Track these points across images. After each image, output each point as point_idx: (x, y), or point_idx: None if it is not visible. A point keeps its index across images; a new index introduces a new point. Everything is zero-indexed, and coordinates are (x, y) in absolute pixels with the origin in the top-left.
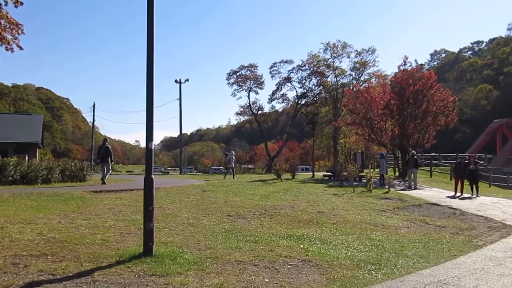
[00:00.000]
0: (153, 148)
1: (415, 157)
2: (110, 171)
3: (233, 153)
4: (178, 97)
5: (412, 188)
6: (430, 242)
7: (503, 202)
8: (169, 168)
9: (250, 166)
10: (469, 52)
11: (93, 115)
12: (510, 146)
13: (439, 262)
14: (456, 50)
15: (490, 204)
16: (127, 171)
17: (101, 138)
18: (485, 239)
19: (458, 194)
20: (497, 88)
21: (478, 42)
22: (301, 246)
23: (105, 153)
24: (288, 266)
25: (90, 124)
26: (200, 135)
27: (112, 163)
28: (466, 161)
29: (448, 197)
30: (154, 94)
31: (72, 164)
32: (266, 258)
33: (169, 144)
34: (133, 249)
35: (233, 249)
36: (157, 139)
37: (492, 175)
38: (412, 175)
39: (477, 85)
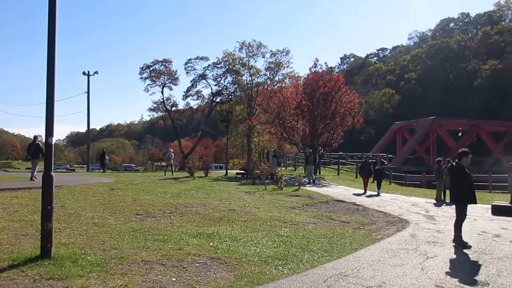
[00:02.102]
0: (53, 143)
1: (312, 155)
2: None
3: (172, 151)
4: (86, 90)
5: (311, 183)
6: (334, 237)
7: (401, 199)
8: (76, 165)
9: (163, 163)
10: (375, 58)
11: None
12: (408, 146)
13: (341, 256)
14: (363, 55)
15: (389, 201)
16: (27, 168)
17: None
18: (383, 233)
19: (368, 192)
20: (398, 93)
21: (383, 49)
22: (211, 244)
23: (36, 150)
24: (197, 264)
25: None
26: (110, 131)
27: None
28: (372, 161)
29: (354, 194)
30: (58, 86)
31: None
32: (174, 257)
33: (76, 139)
34: (29, 252)
35: (140, 248)
36: (62, 134)
37: (392, 173)
38: (309, 171)
39: (381, 89)
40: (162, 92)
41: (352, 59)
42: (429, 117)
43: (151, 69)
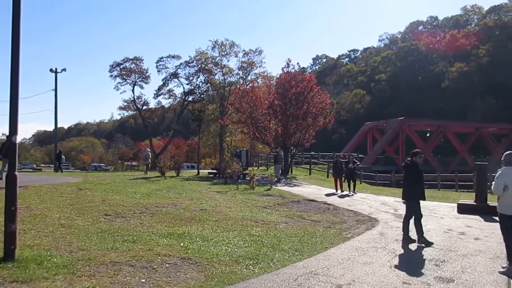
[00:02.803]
0: (17, 142)
1: (280, 154)
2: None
3: (149, 150)
4: (54, 87)
5: (279, 181)
6: (305, 236)
7: (371, 198)
8: (42, 165)
9: (133, 163)
10: (347, 59)
11: None
12: (378, 146)
13: (312, 255)
14: (335, 56)
15: (359, 200)
16: None
17: None
18: (353, 232)
19: (339, 191)
20: (369, 94)
21: (354, 50)
22: (182, 244)
23: (8, 149)
24: (167, 265)
25: None
26: (79, 130)
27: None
28: (345, 160)
29: (326, 194)
30: (26, 84)
31: None
32: (144, 258)
33: (43, 138)
34: None
35: (108, 250)
36: (28, 132)
37: (363, 173)
38: (277, 170)
39: (353, 89)
40: (132, 91)
41: (324, 60)
42: (398, 117)
43: (121, 67)
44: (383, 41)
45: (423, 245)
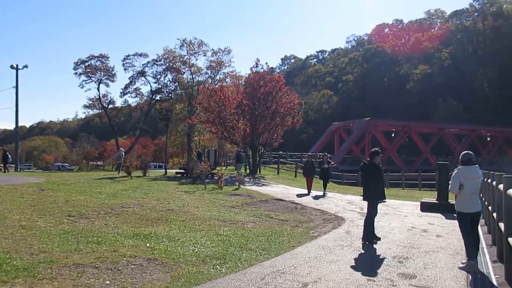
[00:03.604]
0: None
1: (242, 154)
2: None
3: (123, 150)
4: (15, 84)
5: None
6: (273, 235)
7: (337, 197)
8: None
9: (99, 163)
10: (315, 60)
11: None
12: (345, 146)
13: (279, 254)
14: (303, 56)
15: (327, 199)
16: None
17: None
18: (320, 230)
19: (312, 192)
20: (337, 94)
21: (322, 51)
22: (148, 245)
23: None
24: (132, 266)
25: None
26: (41, 129)
27: None
28: (319, 160)
29: (294, 193)
30: None
31: None
32: (108, 259)
33: (3, 137)
34: None
35: (71, 251)
36: None
37: (331, 172)
38: (238, 169)
39: (321, 90)
40: (98, 89)
41: (292, 60)
42: (365, 118)
43: (86, 64)
44: (351, 42)
45: (369, 243)
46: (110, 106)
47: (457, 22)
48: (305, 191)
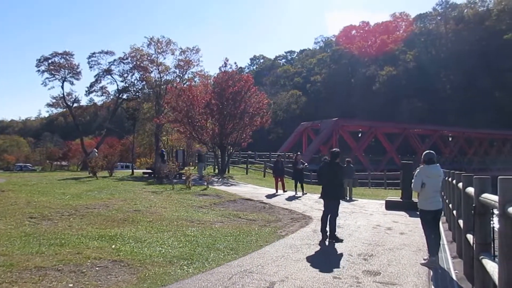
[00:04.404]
0: None
1: (203, 154)
2: None
3: (96, 151)
4: None
5: (201, 179)
6: (241, 235)
7: (305, 196)
8: None
9: (64, 163)
10: (283, 60)
11: None
12: (313, 146)
13: (247, 253)
14: (272, 57)
15: (294, 198)
16: None
17: None
18: (287, 229)
19: (280, 192)
20: (305, 94)
21: (291, 52)
22: (113, 246)
23: None
24: (97, 268)
25: None
26: (2, 128)
27: None
28: (292, 160)
29: (267, 196)
30: None
31: None
32: (72, 262)
33: None
34: None
35: (33, 254)
36: None
37: (304, 172)
38: (200, 168)
39: (289, 90)
40: (62, 87)
41: (261, 60)
42: (333, 118)
43: (49, 61)
44: (319, 43)
45: (333, 240)
46: (75, 104)
47: (421, 25)
48: (274, 191)
